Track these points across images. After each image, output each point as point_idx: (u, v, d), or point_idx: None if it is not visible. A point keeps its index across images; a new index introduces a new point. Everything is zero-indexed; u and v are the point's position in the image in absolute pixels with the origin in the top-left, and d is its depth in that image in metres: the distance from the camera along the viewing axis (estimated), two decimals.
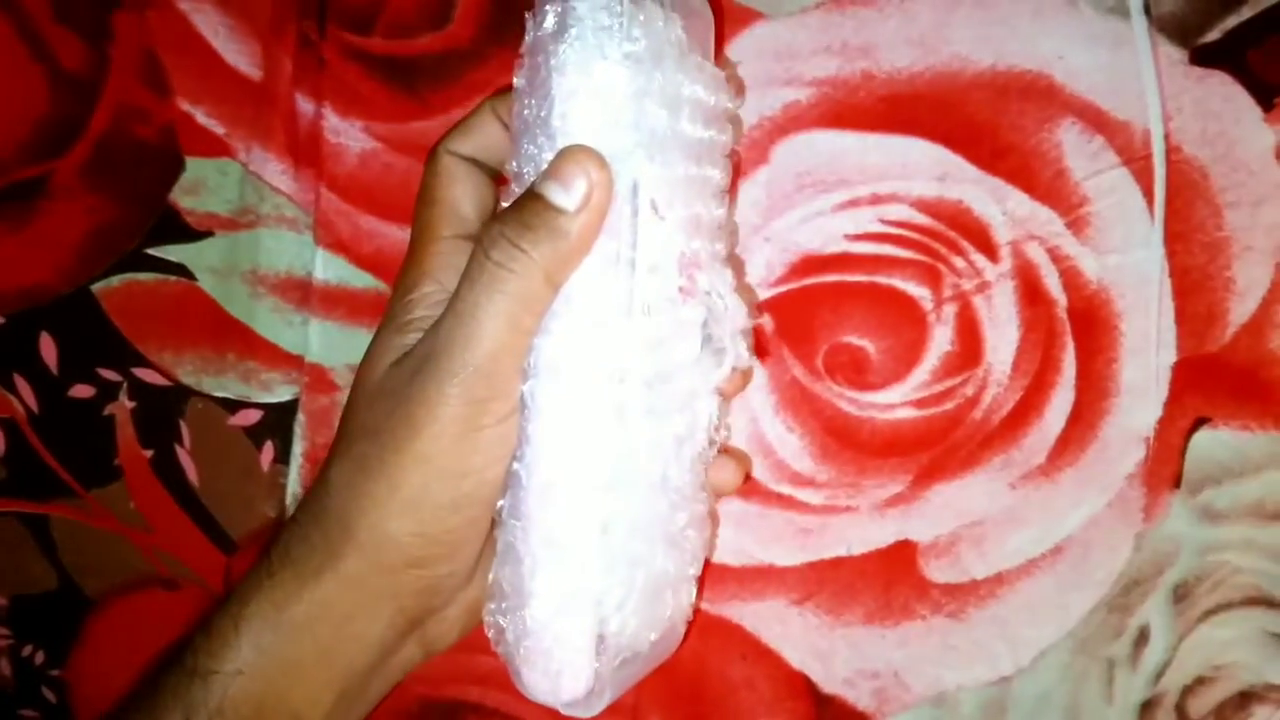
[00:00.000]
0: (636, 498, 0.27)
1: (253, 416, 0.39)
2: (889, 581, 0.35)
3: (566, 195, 0.25)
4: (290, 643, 0.27)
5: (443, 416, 0.25)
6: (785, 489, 0.36)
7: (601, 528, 0.26)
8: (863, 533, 0.35)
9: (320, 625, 0.27)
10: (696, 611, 0.37)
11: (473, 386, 0.25)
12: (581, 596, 0.26)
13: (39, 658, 0.44)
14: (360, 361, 0.29)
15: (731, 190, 0.33)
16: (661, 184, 0.27)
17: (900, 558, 0.35)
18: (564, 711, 0.28)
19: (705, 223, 0.29)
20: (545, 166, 0.26)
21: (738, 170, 0.34)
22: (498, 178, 0.31)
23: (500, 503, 0.28)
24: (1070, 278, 0.33)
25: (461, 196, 0.29)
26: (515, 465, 0.27)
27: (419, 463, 0.26)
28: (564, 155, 0.25)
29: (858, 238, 0.34)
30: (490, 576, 0.29)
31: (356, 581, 0.27)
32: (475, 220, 0.29)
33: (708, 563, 0.35)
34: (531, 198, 0.25)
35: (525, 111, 0.27)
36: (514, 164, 0.27)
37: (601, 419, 0.26)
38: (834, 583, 0.36)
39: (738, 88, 0.33)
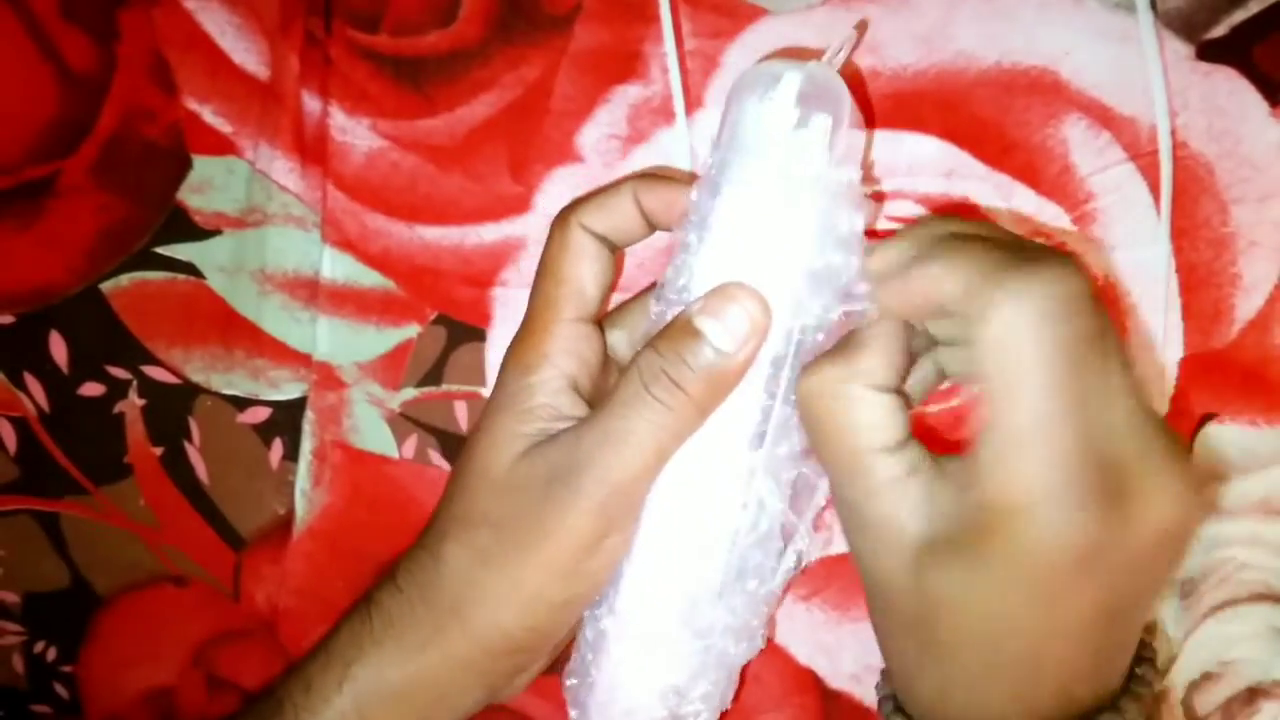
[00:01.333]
0: (734, 606, 0.28)
1: (261, 414, 0.40)
2: None
3: (727, 336, 0.25)
4: (389, 709, 0.28)
5: (576, 528, 0.26)
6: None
7: (698, 633, 0.28)
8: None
9: (419, 696, 0.28)
10: None
11: (610, 505, 0.26)
12: (667, 693, 0.28)
13: (51, 654, 0.44)
14: (476, 435, 0.29)
15: None
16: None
17: None
18: None
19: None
20: (698, 285, 0.26)
21: None
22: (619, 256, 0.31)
23: None
24: None
25: (588, 276, 0.29)
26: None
27: (544, 566, 0.26)
28: (725, 293, 0.25)
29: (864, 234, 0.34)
30: (575, 655, 0.30)
31: (460, 663, 0.28)
32: (598, 301, 0.29)
33: None
34: (690, 333, 0.25)
35: (698, 202, 0.27)
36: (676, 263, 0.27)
37: (719, 539, 0.27)
38: (840, 579, 0.36)
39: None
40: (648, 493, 0.27)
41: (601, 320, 0.30)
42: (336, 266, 0.38)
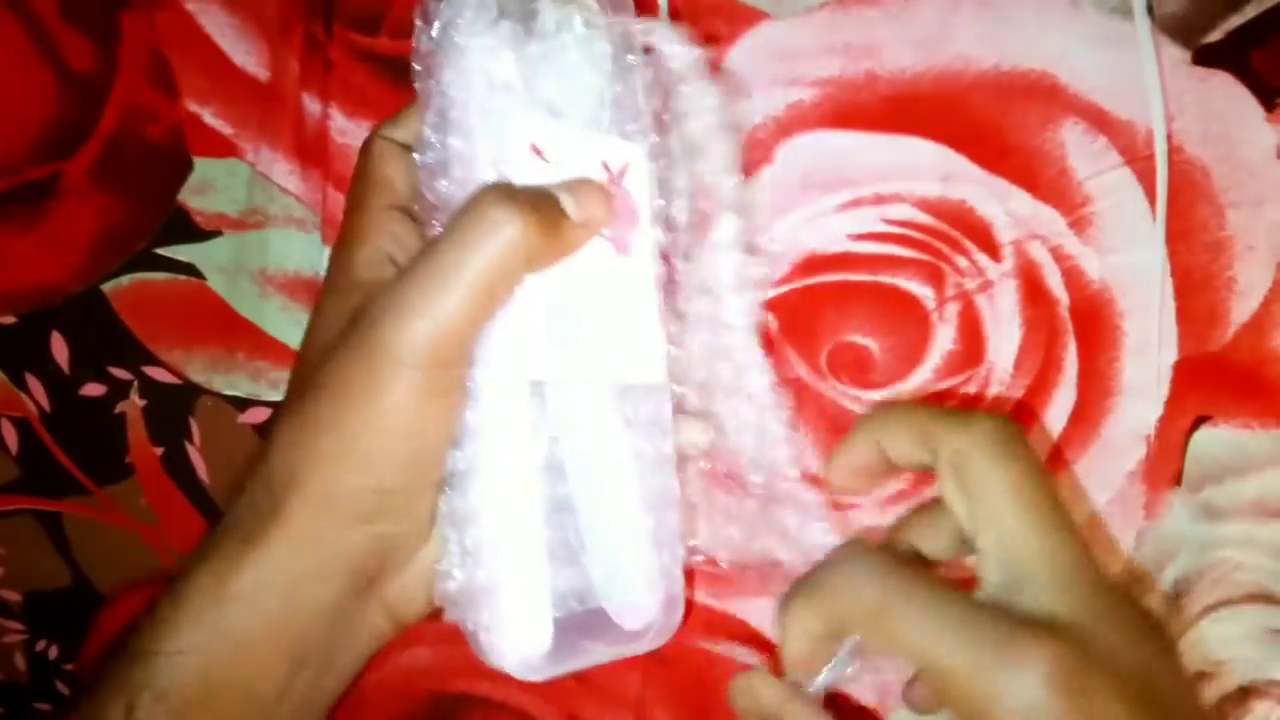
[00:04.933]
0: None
1: (262, 414, 0.40)
2: None
3: (575, 209, 0.26)
4: (234, 614, 0.25)
5: (406, 375, 0.24)
6: (789, 486, 0.36)
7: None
8: (866, 530, 0.35)
9: (266, 593, 0.25)
10: (702, 607, 0.37)
11: (440, 347, 0.24)
12: (531, 553, 0.26)
13: (53, 652, 0.44)
14: (308, 327, 0.29)
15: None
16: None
17: None
18: (518, 674, 0.26)
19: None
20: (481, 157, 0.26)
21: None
22: None
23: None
24: (1072, 277, 0.33)
25: (393, 171, 0.29)
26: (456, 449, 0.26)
27: (378, 419, 0.24)
28: (582, 181, 0.27)
29: (861, 237, 0.34)
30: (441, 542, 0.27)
31: (305, 541, 0.25)
32: (405, 194, 0.29)
33: (711, 561, 0.35)
34: (543, 192, 0.26)
35: (426, 88, 0.28)
36: (426, 125, 0.27)
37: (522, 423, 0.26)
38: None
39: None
40: (474, 342, 0.25)
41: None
42: None
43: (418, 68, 0.27)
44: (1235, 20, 0.32)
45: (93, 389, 0.41)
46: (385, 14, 0.37)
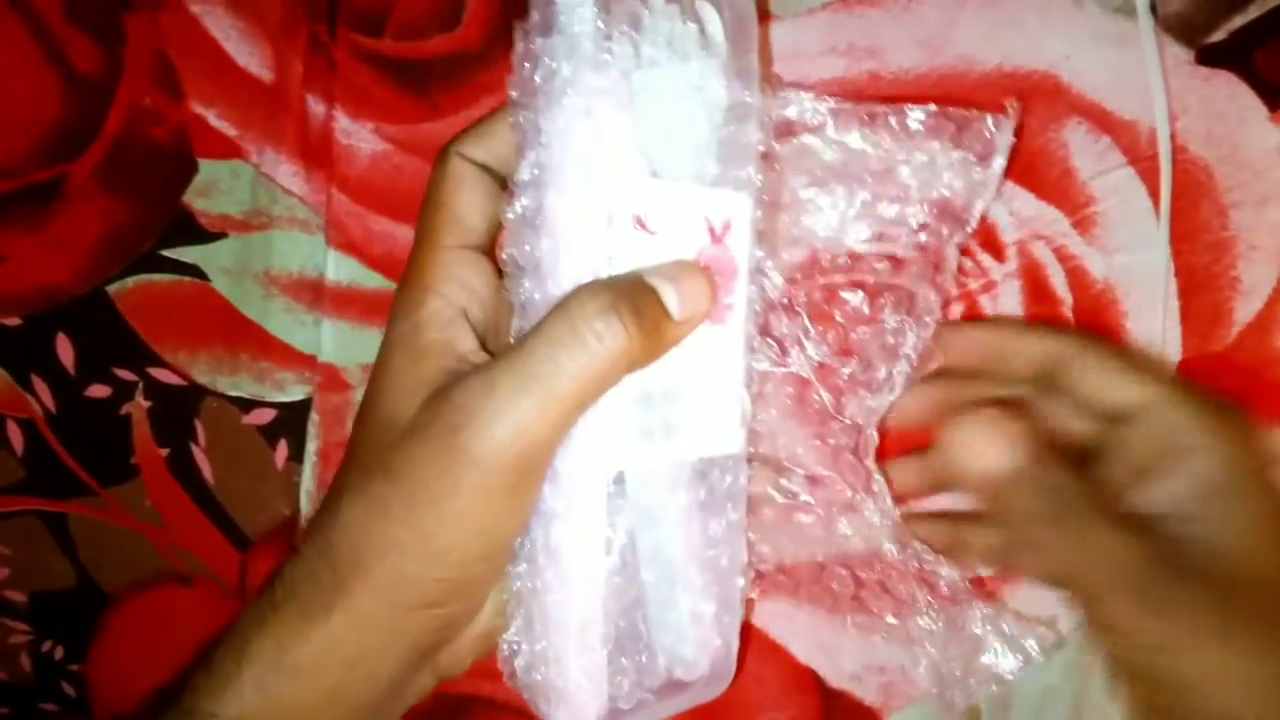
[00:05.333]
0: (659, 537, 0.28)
1: (267, 415, 0.40)
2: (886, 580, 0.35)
3: (679, 306, 0.25)
4: (296, 684, 0.25)
5: (489, 483, 0.24)
6: (793, 487, 0.36)
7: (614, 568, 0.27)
8: (869, 530, 0.35)
9: (328, 666, 0.25)
10: None
11: (526, 457, 0.24)
12: (592, 629, 0.26)
13: (58, 653, 0.44)
14: (372, 383, 0.27)
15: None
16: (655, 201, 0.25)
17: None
18: None
19: None
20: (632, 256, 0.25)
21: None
22: (507, 186, 0.29)
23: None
24: (1076, 277, 0.33)
25: (469, 203, 0.27)
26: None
27: (455, 519, 0.24)
28: (686, 268, 0.25)
29: (865, 238, 0.34)
30: (508, 612, 0.28)
31: (369, 622, 0.25)
32: (482, 230, 0.27)
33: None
34: (645, 289, 0.24)
35: (523, 123, 0.26)
36: (521, 174, 0.26)
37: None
38: (840, 579, 0.36)
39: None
40: (564, 441, 0.24)
41: (494, 253, 0.28)
42: (341, 269, 0.38)
43: (514, 95, 0.25)
44: (1238, 20, 0.32)
45: (98, 390, 0.41)
46: (389, 15, 0.37)
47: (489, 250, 0.28)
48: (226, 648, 0.25)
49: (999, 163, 0.30)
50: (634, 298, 0.24)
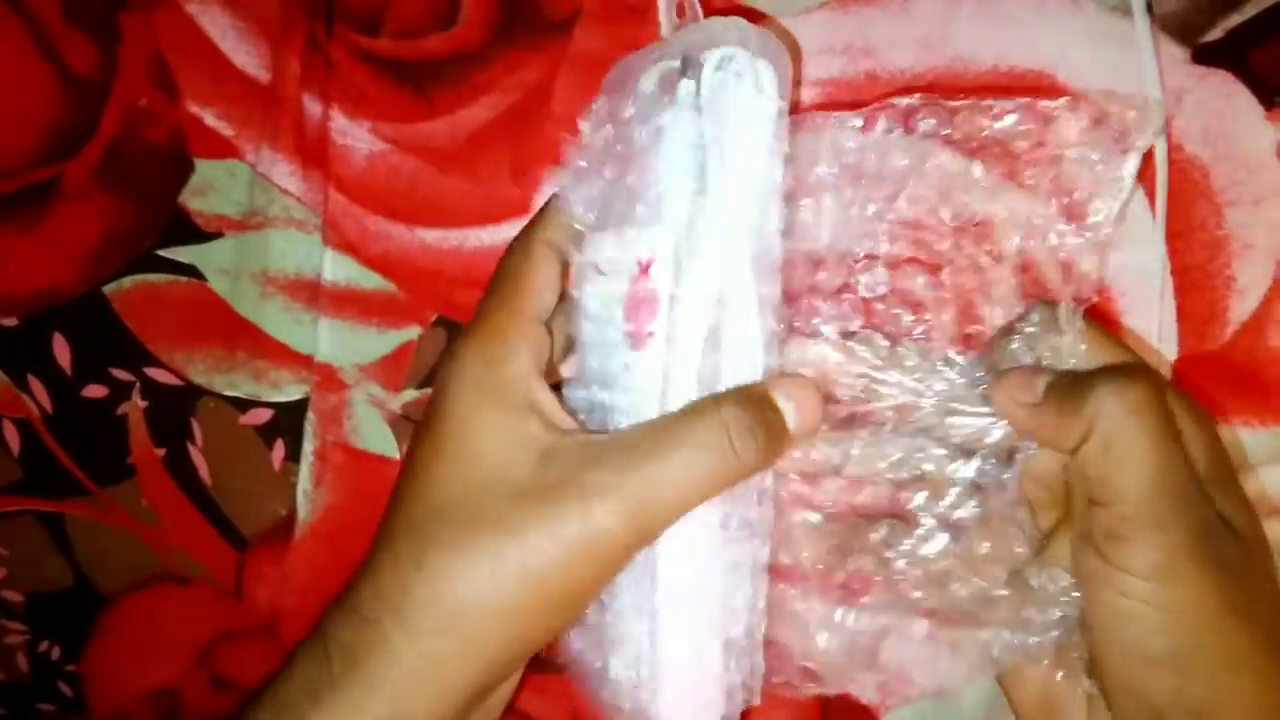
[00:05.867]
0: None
1: (263, 415, 0.40)
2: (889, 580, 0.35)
3: (796, 420, 0.26)
4: None
5: (608, 557, 0.25)
6: (794, 485, 0.36)
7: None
8: (870, 529, 0.35)
9: None
10: None
11: (644, 539, 0.25)
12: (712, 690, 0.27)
13: (55, 653, 0.44)
14: (452, 432, 0.27)
15: None
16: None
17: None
18: None
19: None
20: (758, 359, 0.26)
21: None
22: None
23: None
24: (1071, 275, 0.33)
25: (548, 285, 0.29)
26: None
27: (575, 585, 0.25)
28: (804, 385, 0.27)
29: (862, 238, 0.34)
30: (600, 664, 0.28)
31: (443, 689, 0.25)
32: (551, 308, 0.29)
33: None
34: (773, 407, 0.26)
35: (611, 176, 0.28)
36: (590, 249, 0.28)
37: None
38: (839, 577, 0.36)
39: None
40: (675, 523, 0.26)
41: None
42: (337, 269, 0.38)
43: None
44: (1234, 19, 0.32)
45: (94, 390, 0.41)
46: (386, 14, 0.37)
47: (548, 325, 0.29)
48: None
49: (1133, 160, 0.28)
50: (767, 416, 0.26)
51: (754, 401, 0.26)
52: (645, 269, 0.27)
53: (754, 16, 0.34)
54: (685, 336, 0.27)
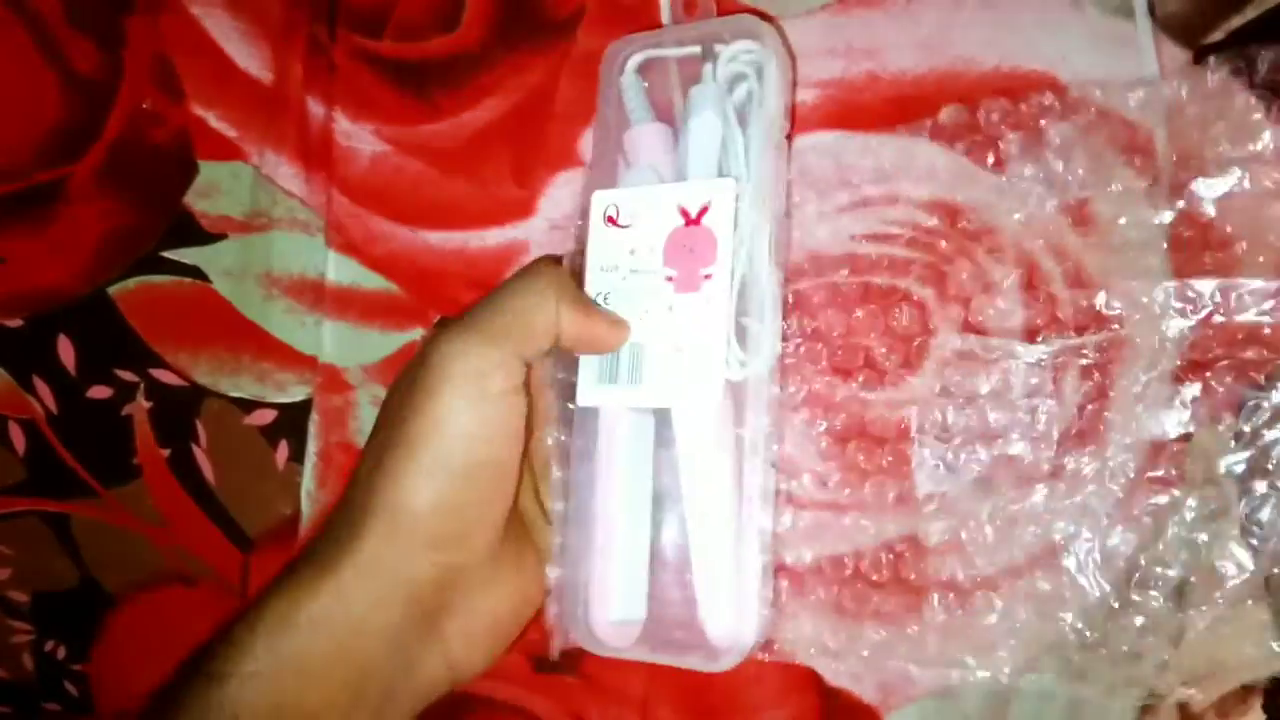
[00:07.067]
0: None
1: (267, 416, 0.40)
2: (895, 577, 0.36)
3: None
4: (303, 640, 0.26)
5: (455, 375, 0.27)
6: (793, 486, 0.36)
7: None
8: (870, 529, 0.36)
9: (336, 618, 0.26)
10: None
11: (485, 354, 0.27)
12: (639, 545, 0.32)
13: (61, 652, 0.45)
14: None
15: None
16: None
17: (907, 554, 0.35)
18: (609, 641, 0.31)
19: None
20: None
21: None
22: None
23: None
24: (1074, 275, 0.33)
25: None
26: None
27: (434, 427, 0.27)
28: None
29: (864, 238, 0.35)
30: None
31: (371, 566, 0.27)
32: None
33: None
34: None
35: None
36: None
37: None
38: (841, 578, 0.36)
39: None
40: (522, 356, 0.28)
41: None
42: (341, 270, 0.38)
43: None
44: (1236, 21, 0.32)
45: (100, 391, 0.41)
46: (389, 17, 0.37)
47: None
48: (243, 613, 0.27)
49: None
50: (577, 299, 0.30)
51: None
52: (696, 217, 0.30)
53: (761, 17, 0.34)
54: (732, 280, 0.30)
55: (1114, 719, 0.35)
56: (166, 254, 0.40)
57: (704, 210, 0.30)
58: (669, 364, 0.30)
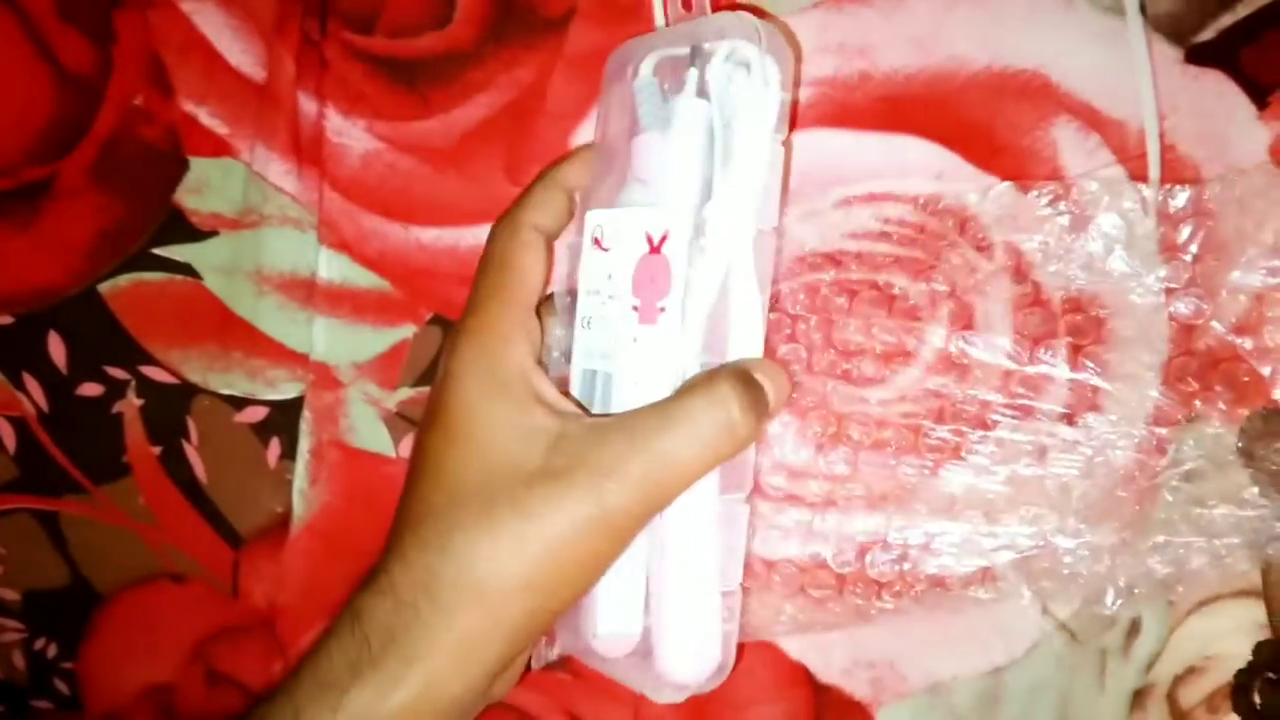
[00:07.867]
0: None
1: (259, 413, 0.40)
2: (882, 575, 0.36)
3: (774, 397, 0.28)
4: None
5: (620, 530, 0.26)
6: (783, 482, 0.36)
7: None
8: (859, 525, 0.36)
9: (424, 712, 0.26)
10: None
11: (652, 514, 0.27)
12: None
13: (51, 650, 0.45)
14: (461, 424, 0.28)
15: None
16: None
17: (896, 552, 0.35)
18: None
19: None
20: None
21: None
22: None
23: None
24: (1064, 274, 0.34)
25: (536, 267, 0.30)
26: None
27: (588, 559, 0.27)
28: (776, 365, 0.29)
29: (855, 235, 0.35)
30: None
31: (469, 662, 0.26)
32: (540, 290, 0.30)
33: None
34: (755, 384, 0.28)
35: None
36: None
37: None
38: (831, 575, 0.36)
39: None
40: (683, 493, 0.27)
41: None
42: (333, 267, 0.38)
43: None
44: (1227, 19, 0.32)
45: (90, 389, 0.41)
46: (380, 13, 0.37)
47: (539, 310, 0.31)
48: (318, 699, 0.26)
49: None
50: (755, 394, 0.27)
51: (746, 379, 0.27)
52: (658, 245, 0.28)
53: (757, 13, 0.34)
54: (695, 312, 0.28)
55: (1104, 714, 0.35)
56: (157, 251, 0.39)
57: (664, 238, 0.28)
58: (632, 398, 0.28)
